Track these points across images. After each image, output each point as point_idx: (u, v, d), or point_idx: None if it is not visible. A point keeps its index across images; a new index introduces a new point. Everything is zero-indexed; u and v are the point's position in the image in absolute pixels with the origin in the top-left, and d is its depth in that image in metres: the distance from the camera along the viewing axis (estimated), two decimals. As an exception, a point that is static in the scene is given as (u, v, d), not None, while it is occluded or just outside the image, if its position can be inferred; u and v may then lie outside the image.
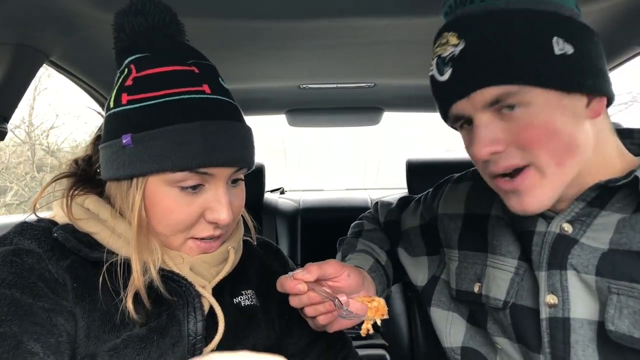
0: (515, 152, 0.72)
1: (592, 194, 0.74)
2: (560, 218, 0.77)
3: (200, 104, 0.76)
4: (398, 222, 1.09)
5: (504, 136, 0.72)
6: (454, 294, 0.91)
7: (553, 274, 0.76)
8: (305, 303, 0.80)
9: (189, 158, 0.74)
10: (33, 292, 0.70)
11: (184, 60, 0.79)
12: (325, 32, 1.24)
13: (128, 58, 0.80)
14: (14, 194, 5.93)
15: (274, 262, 0.99)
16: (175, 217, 0.77)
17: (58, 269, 0.74)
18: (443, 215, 0.98)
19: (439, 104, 0.78)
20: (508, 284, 0.82)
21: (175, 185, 0.76)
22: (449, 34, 0.73)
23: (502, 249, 0.84)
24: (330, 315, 0.81)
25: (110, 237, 0.78)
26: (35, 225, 0.79)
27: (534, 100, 0.69)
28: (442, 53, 0.74)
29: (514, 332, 0.81)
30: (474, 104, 0.72)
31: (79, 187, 0.83)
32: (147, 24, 0.79)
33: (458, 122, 0.78)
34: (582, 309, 0.73)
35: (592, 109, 0.72)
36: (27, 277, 0.71)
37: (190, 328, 0.78)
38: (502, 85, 0.69)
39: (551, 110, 0.70)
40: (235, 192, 0.83)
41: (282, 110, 2.16)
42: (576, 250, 0.74)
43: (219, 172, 0.77)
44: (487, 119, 0.72)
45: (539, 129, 0.70)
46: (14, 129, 5.93)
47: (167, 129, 0.74)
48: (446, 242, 0.96)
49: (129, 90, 0.77)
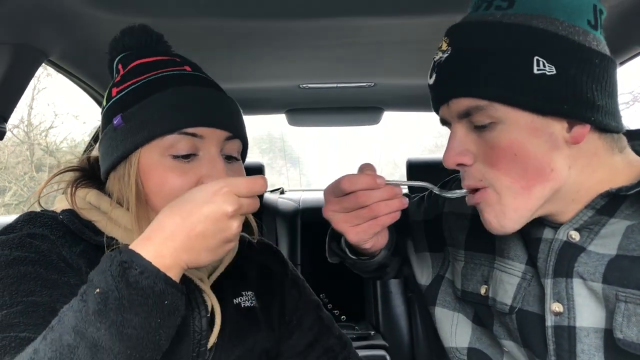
0: (479, 171, 0.72)
1: (602, 202, 0.72)
2: (567, 226, 0.75)
3: (182, 76, 0.80)
4: (405, 211, 1.07)
5: (473, 149, 0.72)
6: (459, 294, 0.91)
7: (559, 282, 0.75)
8: (380, 198, 0.75)
9: (175, 119, 0.76)
10: (57, 269, 0.72)
11: (168, 55, 0.84)
12: (325, 32, 1.24)
13: (115, 59, 0.84)
14: (13, 194, 5.93)
15: (273, 263, 0.99)
16: (171, 186, 0.76)
17: (72, 255, 0.75)
18: (449, 214, 0.97)
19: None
20: (515, 288, 0.81)
21: (167, 153, 0.76)
22: (444, 38, 0.74)
23: (509, 252, 0.83)
24: (396, 214, 0.77)
25: (108, 225, 0.79)
26: (43, 214, 0.80)
27: (505, 119, 0.68)
28: (435, 57, 0.75)
29: (520, 336, 0.80)
30: (451, 111, 0.73)
31: (83, 181, 0.84)
32: (137, 43, 0.84)
33: (445, 125, 0.79)
34: (588, 317, 0.72)
35: (574, 134, 0.69)
36: (47, 255, 0.73)
37: (196, 324, 0.78)
38: (471, 97, 0.69)
39: (520, 132, 0.68)
40: (232, 169, 0.81)
41: (282, 110, 2.16)
42: (583, 258, 0.73)
43: (209, 134, 0.77)
44: (461, 129, 0.73)
45: (504, 150, 0.69)
46: (12, 129, 5.92)
47: (152, 98, 0.77)
48: (451, 241, 0.95)
49: (118, 84, 0.81)
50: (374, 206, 0.75)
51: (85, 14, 1.06)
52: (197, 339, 0.78)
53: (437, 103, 0.75)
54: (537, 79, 0.66)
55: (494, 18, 0.70)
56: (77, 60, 1.34)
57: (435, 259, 0.99)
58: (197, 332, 0.78)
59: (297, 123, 2.25)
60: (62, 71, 1.39)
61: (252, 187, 0.66)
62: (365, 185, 0.75)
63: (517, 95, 0.67)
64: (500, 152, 0.69)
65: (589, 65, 0.68)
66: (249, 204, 0.66)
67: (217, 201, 0.63)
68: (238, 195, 0.65)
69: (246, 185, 0.66)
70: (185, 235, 0.62)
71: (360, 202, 0.75)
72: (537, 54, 0.66)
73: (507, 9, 0.70)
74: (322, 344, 0.94)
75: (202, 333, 0.79)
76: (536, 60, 0.66)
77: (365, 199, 0.75)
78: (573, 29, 0.68)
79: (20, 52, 1.06)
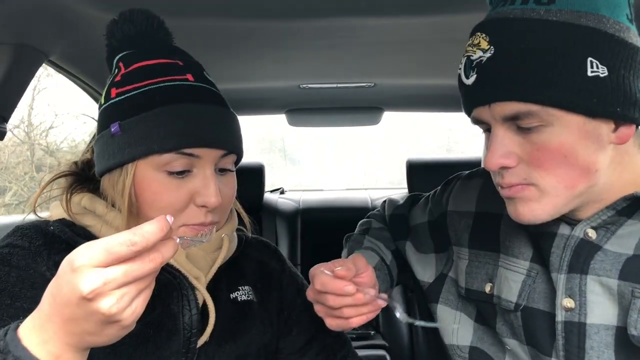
0: (523, 171, 0.70)
1: (624, 204, 0.72)
2: (585, 224, 0.75)
3: (184, 89, 0.79)
4: (406, 216, 1.08)
5: (518, 151, 0.70)
6: (463, 292, 0.90)
7: (572, 278, 0.74)
8: (349, 304, 0.76)
9: (174, 139, 0.76)
10: (11, 294, 0.71)
11: (170, 56, 0.82)
12: (325, 32, 1.24)
13: (117, 57, 0.84)
14: (13, 194, 5.93)
15: (271, 260, 1.00)
16: (164, 200, 0.78)
17: (49, 264, 0.76)
18: (453, 213, 0.97)
19: (462, 103, 0.77)
20: (520, 285, 0.80)
21: (162, 169, 0.77)
22: (481, 35, 0.70)
23: (514, 250, 0.83)
24: (369, 316, 0.78)
25: (103, 228, 0.80)
26: (28, 225, 0.81)
27: (555, 122, 0.66)
28: (472, 55, 0.71)
29: (524, 334, 0.80)
30: (493, 113, 0.70)
31: (77, 186, 0.85)
32: (135, 30, 0.83)
33: (478, 124, 0.76)
34: (599, 314, 0.72)
35: (619, 135, 0.68)
36: (5, 280, 0.73)
37: (186, 322, 0.79)
38: (523, 102, 0.66)
39: (571, 134, 0.66)
40: (224, 181, 0.83)
41: (282, 110, 2.16)
42: (599, 256, 0.73)
43: (205, 154, 0.78)
44: (504, 131, 0.70)
45: (554, 152, 0.67)
46: (13, 129, 5.92)
47: (152, 112, 0.77)
48: (455, 240, 0.95)
49: (117, 85, 0.80)
50: (343, 310, 0.76)
51: (85, 14, 1.06)
52: (187, 337, 0.79)
53: (475, 104, 0.72)
54: (591, 81, 0.64)
55: (538, 15, 0.66)
56: (77, 60, 1.34)
57: (439, 259, 0.99)
58: (187, 330, 0.79)
59: (297, 123, 2.25)
60: (62, 71, 1.39)
61: (111, 249, 0.50)
62: (333, 291, 0.75)
63: (572, 100, 0.65)
64: (549, 154, 0.67)
65: (634, 63, 0.67)
66: (131, 271, 0.51)
67: (72, 280, 0.50)
68: (101, 264, 0.50)
69: (105, 249, 0.50)
70: (60, 319, 0.52)
71: (330, 304, 0.76)
72: (591, 55, 0.64)
73: (549, 5, 0.66)
74: (321, 341, 0.95)
75: (192, 331, 0.79)
76: (589, 62, 0.64)
77: (333, 303, 0.76)
78: (618, 25, 0.66)
79: (20, 52, 1.06)
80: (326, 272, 0.77)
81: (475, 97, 0.71)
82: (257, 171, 2.18)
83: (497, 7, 0.72)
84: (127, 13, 0.83)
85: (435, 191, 1.07)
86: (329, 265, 0.79)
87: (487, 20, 0.72)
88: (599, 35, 0.65)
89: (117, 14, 0.84)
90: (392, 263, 1.02)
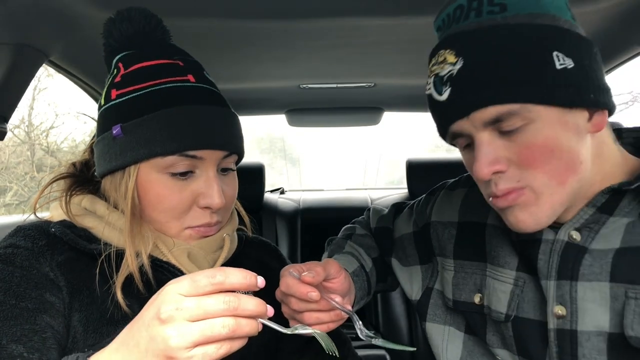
0: (515, 173, 0.70)
1: (602, 199, 0.72)
2: (567, 226, 0.75)
3: (185, 91, 0.79)
4: (391, 229, 1.07)
5: (506, 154, 0.70)
6: (450, 304, 0.89)
7: (563, 285, 0.74)
8: (313, 309, 0.75)
9: (177, 141, 0.76)
10: (16, 294, 0.72)
11: (170, 56, 0.82)
12: (325, 32, 1.24)
13: (116, 57, 0.83)
14: (14, 194, 5.93)
15: (271, 260, 1.00)
16: (167, 203, 0.78)
17: (52, 265, 0.76)
18: (436, 223, 0.96)
19: (437, 122, 0.76)
20: (509, 296, 0.80)
21: (165, 171, 0.78)
22: (445, 51, 0.71)
23: (499, 259, 0.82)
24: (331, 325, 0.77)
25: (105, 229, 0.80)
26: (30, 225, 0.81)
27: (536, 118, 0.68)
28: (440, 72, 0.71)
29: (516, 344, 0.79)
30: (473, 122, 0.70)
31: (77, 187, 0.85)
32: (133, 29, 0.83)
33: (456, 139, 0.76)
34: (591, 320, 0.72)
35: (594, 123, 0.70)
36: (9, 280, 0.73)
37: None
38: (503, 104, 0.67)
39: (553, 128, 0.68)
40: (226, 181, 0.84)
41: (282, 110, 2.16)
42: (587, 260, 0.72)
43: (208, 156, 0.79)
44: (488, 137, 0.71)
45: (541, 147, 0.68)
46: (13, 129, 5.93)
47: (154, 115, 0.77)
48: (440, 251, 0.94)
49: (118, 86, 0.80)
50: (305, 315, 0.76)
51: (85, 14, 1.06)
52: None
53: (455, 117, 0.71)
54: (562, 73, 0.67)
55: (497, 22, 0.68)
56: (77, 60, 1.34)
57: (425, 271, 0.98)
58: None
59: (297, 123, 2.25)
60: (62, 71, 1.40)
61: (193, 276, 0.53)
62: (297, 295, 0.74)
63: (549, 93, 0.67)
64: (537, 150, 0.68)
65: (593, 54, 0.70)
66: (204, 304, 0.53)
67: (157, 299, 0.54)
68: (183, 292, 0.52)
69: (189, 277, 0.53)
70: (124, 346, 0.55)
71: (293, 307, 0.76)
72: (556, 49, 0.67)
73: (502, 13, 0.69)
74: (320, 342, 0.95)
75: None
76: (556, 55, 0.67)
77: (296, 307, 0.76)
78: (569, 22, 0.70)
79: (21, 52, 1.06)
80: (293, 274, 0.76)
81: (454, 109, 0.71)
82: (257, 171, 2.18)
83: (450, 26, 0.73)
84: (125, 12, 0.83)
85: (419, 200, 1.06)
86: (298, 267, 0.77)
87: (446, 37, 0.73)
88: (557, 30, 0.68)
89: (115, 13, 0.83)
90: (371, 271, 1.01)
